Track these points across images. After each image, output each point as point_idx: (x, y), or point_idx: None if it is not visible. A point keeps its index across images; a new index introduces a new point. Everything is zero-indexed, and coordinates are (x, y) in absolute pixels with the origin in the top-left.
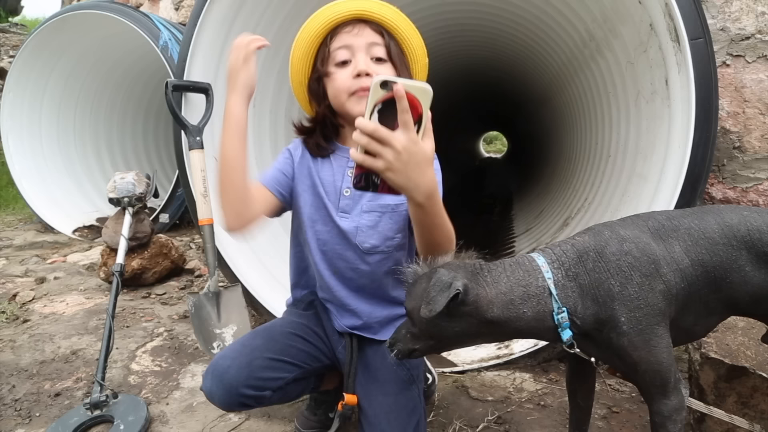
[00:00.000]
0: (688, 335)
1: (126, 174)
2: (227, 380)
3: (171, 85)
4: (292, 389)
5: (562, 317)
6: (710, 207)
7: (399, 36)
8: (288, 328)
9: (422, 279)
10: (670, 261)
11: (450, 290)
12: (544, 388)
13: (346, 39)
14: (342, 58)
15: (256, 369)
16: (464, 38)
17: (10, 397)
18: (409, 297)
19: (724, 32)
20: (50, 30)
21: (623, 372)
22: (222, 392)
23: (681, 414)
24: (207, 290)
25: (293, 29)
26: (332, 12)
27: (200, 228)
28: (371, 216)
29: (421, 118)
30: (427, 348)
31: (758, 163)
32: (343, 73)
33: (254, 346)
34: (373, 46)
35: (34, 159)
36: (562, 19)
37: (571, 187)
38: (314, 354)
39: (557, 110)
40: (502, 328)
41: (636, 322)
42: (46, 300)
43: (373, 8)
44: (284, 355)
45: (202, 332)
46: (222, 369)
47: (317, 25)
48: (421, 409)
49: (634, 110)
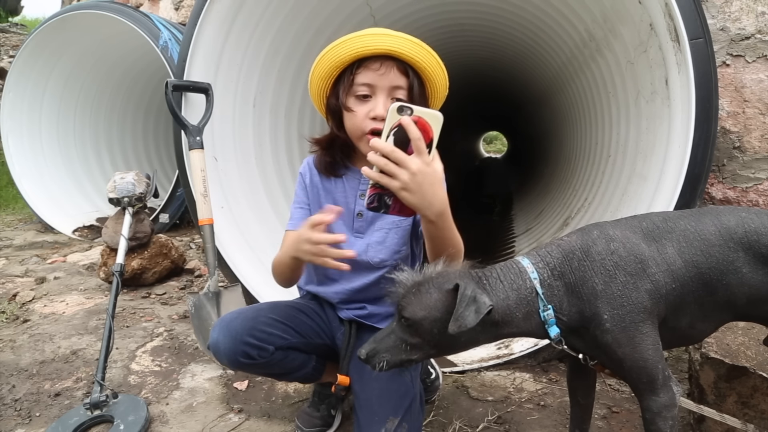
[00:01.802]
0: (685, 338)
1: (126, 174)
2: (233, 328)
3: (171, 85)
4: (294, 357)
5: (548, 314)
6: (708, 208)
7: (425, 76)
8: (291, 303)
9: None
10: (660, 261)
11: (479, 305)
12: (544, 388)
13: (371, 78)
14: (363, 93)
15: (260, 323)
16: (464, 38)
17: (10, 397)
18: (413, 306)
19: (724, 32)
20: (50, 30)
21: (611, 369)
22: (227, 340)
23: (671, 411)
24: (207, 290)
25: (293, 29)
26: (362, 43)
27: (200, 228)
28: (380, 233)
29: (432, 142)
30: (424, 357)
31: (758, 163)
32: (361, 109)
33: (260, 308)
34: (396, 89)
35: (34, 159)
36: (562, 19)
37: (571, 187)
38: (315, 329)
39: (557, 110)
40: (498, 331)
41: (619, 320)
42: (46, 300)
43: (403, 46)
44: (288, 320)
45: (202, 332)
46: (228, 319)
47: (344, 52)
48: (414, 393)
49: (634, 110)
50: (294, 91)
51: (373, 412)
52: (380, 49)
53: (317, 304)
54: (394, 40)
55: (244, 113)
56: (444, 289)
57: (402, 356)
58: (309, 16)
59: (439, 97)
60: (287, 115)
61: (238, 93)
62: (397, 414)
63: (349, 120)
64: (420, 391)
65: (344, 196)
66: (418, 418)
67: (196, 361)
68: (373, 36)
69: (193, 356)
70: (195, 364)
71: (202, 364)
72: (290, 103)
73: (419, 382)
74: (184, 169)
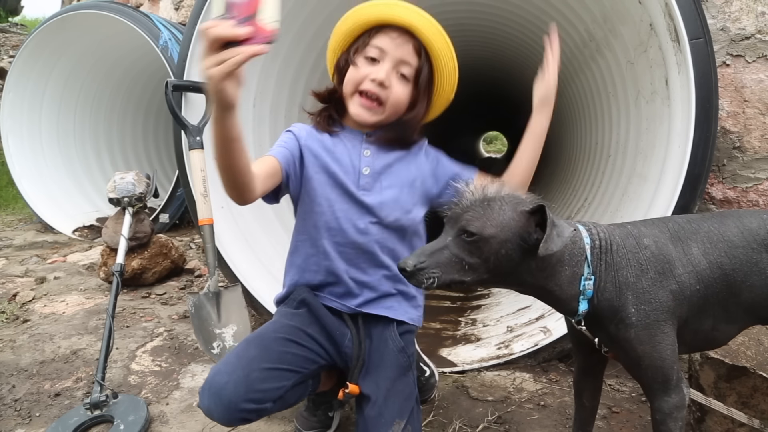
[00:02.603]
0: (707, 341)
1: (126, 174)
2: (226, 397)
3: (171, 85)
4: (290, 396)
5: (588, 284)
6: (730, 211)
7: (436, 65)
8: (281, 333)
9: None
10: (686, 263)
11: (562, 230)
12: (544, 388)
13: (386, 43)
14: (372, 55)
15: (254, 381)
16: (464, 38)
17: (10, 397)
18: (482, 221)
19: (724, 32)
20: (50, 30)
21: (627, 366)
22: (221, 410)
23: (681, 412)
24: (207, 290)
25: (293, 29)
26: (390, 10)
27: (200, 228)
28: (392, 191)
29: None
30: (475, 281)
31: (758, 163)
32: (365, 69)
33: (250, 357)
34: (404, 64)
35: (34, 159)
36: (562, 19)
37: (571, 187)
38: (309, 357)
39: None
40: (545, 281)
41: (644, 316)
42: (46, 300)
43: (426, 28)
44: (281, 363)
45: (202, 332)
46: (219, 386)
47: (371, 12)
48: (415, 394)
49: (634, 110)
50: (294, 91)
51: (380, 414)
52: (404, 21)
53: (309, 318)
54: (420, 18)
55: (244, 113)
56: (520, 209)
57: (454, 275)
58: (309, 17)
59: (444, 93)
60: (287, 116)
61: None
62: (404, 416)
63: (350, 74)
64: (416, 390)
65: (347, 154)
66: (419, 418)
67: (196, 361)
68: (401, 7)
69: (193, 356)
70: (195, 364)
71: (202, 364)
72: (290, 104)
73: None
74: (184, 169)
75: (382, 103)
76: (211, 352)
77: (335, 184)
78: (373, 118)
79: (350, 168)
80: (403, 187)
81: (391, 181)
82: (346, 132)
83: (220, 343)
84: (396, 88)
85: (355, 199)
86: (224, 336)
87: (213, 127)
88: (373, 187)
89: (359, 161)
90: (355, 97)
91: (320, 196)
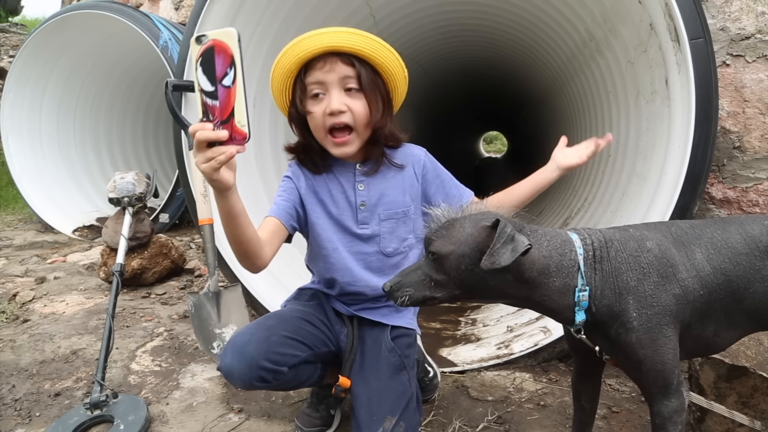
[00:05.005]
0: (708, 347)
1: (126, 174)
2: (248, 354)
3: (171, 85)
4: (303, 371)
5: (583, 296)
6: (732, 218)
7: (372, 62)
8: (296, 313)
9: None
10: (689, 267)
11: (517, 244)
12: (544, 388)
13: (319, 75)
14: (316, 91)
15: (274, 344)
16: (464, 38)
17: (10, 397)
18: (443, 240)
19: (724, 32)
20: (50, 30)
21: (627, 370)
22: (243, 366)
23: (681, 416)
24: (207, 290)
25: (293, 28)
26: (301, 49)
27: (200, 228)
28: (389, 223)
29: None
30: (448, 297)
31: (758, 163)
32: (318, 108)
33: (269, 324)
34: (346, 79)
35: (34, 159)
36: (562, 19)
37: (571, 187)
38: (321, 338)
39: (557, 110)
40: (529, 292)
41: (646, 320)
42: (46, 300)
43: (341, 40)
44: (297, 335)
45: (202, 332)
46: (242, 343)
47: (288, 62)
48: (411, 393)
49: (634, 110)
50: None
51: (372, 412)
52: (319, 48)
53: (319, 308)
54: (330, 36)
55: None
56: (480, 225)
57: (426, 293)
58: (309, 17)
59: (398, 78)
60: None
61: None
62: (395, 413)
63: (312, 123)
64: (417, 391)
65: (342, 192)
66: (415, 416)
67: (196, 361)
68: (311, 37)
69: (193, 356)
70: (195, 364)
71: (202, 363)
72: None
73: (416, 381)
74: (184, 169)
75: (352, 128)
76: (211, 352)
77: (337, 225)
78: (353, 148)
79: (347, 206)
80: (398, 219)
81: (388, 213)
82: (338, 167)
83: (220, 343)
84: (353, 104)
85: (356, 234)
86: (224, 336)
87: (217, 205)
88: (371, 220)
89: (355, 197)
90: (329, 138)
91: (325, 240)
